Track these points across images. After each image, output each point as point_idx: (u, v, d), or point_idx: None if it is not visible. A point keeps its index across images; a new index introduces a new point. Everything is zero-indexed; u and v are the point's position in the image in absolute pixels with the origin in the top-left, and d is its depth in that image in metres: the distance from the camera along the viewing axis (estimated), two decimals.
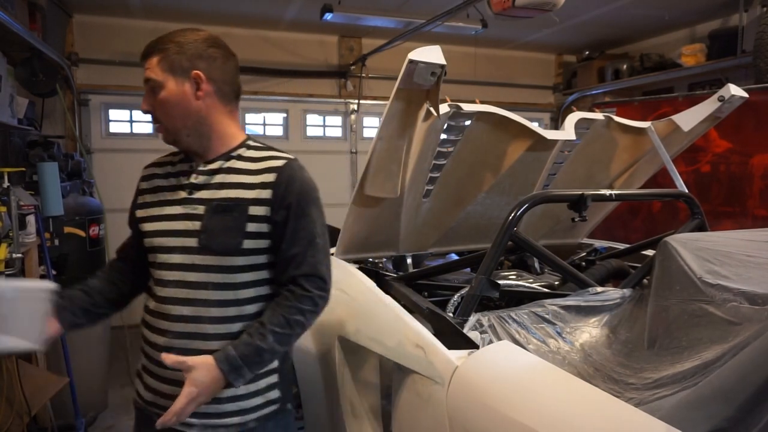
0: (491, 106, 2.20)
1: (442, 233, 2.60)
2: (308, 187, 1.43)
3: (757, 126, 3.80)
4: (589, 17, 5.17)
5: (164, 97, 1.38)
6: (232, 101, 1.49)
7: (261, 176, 1.40)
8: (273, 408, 1.45)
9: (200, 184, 1.41)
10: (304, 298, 1.37)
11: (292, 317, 1.36)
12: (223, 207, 1.37)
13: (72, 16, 5.08)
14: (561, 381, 1.22)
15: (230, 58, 1.50)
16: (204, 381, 1.30)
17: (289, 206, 1.38)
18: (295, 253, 1.38)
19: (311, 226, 1.41)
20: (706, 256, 1.64)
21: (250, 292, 1.40)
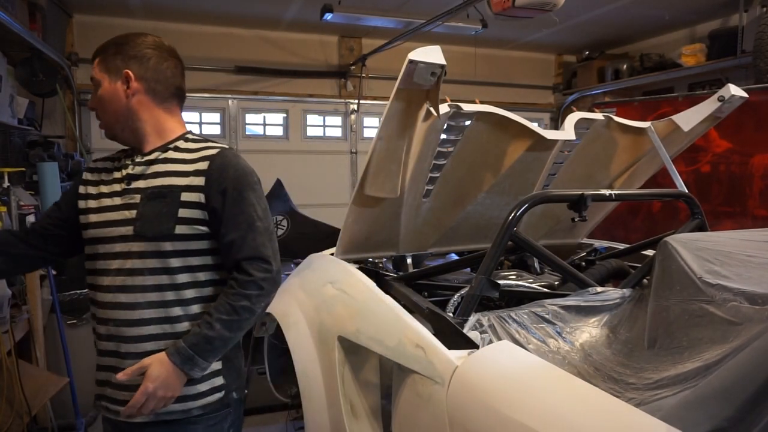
0: (491, 106, 2.20)
1: (442, 233, 2.60)
2: (243, 172, 1.47)
3: (757, 126, 3.80)
4: (589, 17, 5.16)
5: (100, 95, 1.51)
6: (169, 99, 1.55)
7: (195, 164, 1.46)
8: (218, 395, 1.49)
9: (137, 174, 1.48)
10: (248, 283, 1.41)
11: (237, 304, 1.40)
12: (156, 194, 1.44)
13: (72, 16, 5.08)
14: (561, 381, 1.22)
15: (167, 60, 1.54)
16: (159, 375, 1.36)
17: (224, 192, 1.43)
18: (234, 238, 1.43)
19: (249, 210, 1.44)
20: (706, 256, 1.64)
21: (185, 277, 1.45)
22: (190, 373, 1.39)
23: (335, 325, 1.91)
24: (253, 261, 1.42)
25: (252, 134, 5.89)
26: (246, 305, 1.41)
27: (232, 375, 1.53)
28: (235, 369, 1.55)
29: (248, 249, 1.42)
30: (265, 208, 1.49)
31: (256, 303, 1.42)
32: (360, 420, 1.83)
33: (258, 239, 1.43)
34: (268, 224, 1.48)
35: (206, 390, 1.47)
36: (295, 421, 3.14)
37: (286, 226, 5.10)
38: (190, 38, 5.46)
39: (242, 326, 1.44)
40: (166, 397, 1.38)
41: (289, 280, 2.50)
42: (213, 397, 1.49)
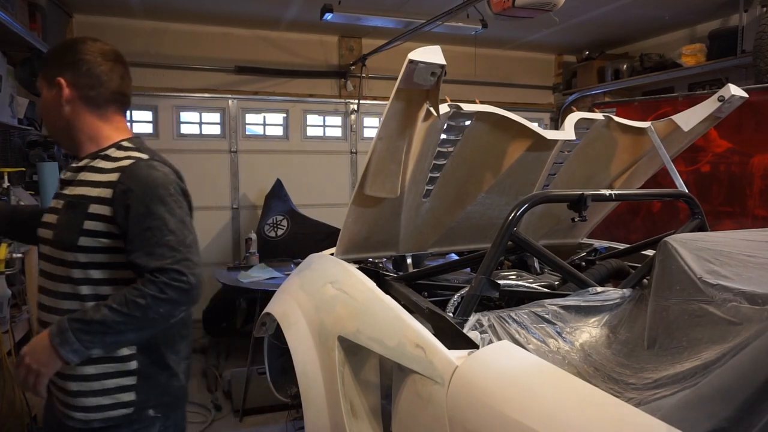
0: (491, 106, 2.20)
1: (442, 233, 2.60)
2: (153, 185, 1.41)
3: (757, 126, 3.80)
4: (589, 17, 5.17)
5: (41, 103, 1.53)
6: (105, 105, 1.52)
7: (109, 175, 1.43)
8: (125, 411, 1.44)
9: (68, 180, 1.50)
10: (149, 283, 1.34)
11: (131, 297, 1.33)
12: (70, 204, 1.44)
13: (72, 16, 5.08)
14: (561, 381, 1.22)
15: (103, 64, 1.51)
16: (33, 344, 1.37)
17: (129, 207, 1.38)
18: (143, 254, 1.37)
19: (159, 225, 1.38)
20: (706, 256, 1.64)
21: (87, 289, 1.42)
22: (60, 349, 1.31)
23: (335, 325, 1.91)
24: (161, 272, 1.35)
25: (252, 134, 5.89)
26: (139, 302, 1.33)
27: (149, 392, 1.47)
28: (153, 385, 1.48)
29: (156, 262, 1.35)
30: (180, 219, 1.42)
31: (153, 305, 1.33)
32: (360, 420, 1.83)
33: (166, 254, 1.36)
34: (183, 237, 1.40)
35: (109, 404, 1.42)
36: (295, 421, 3.14)
37: (286, 226, 5.10)
38: (190, 38, 5.46)
39: (131, 322, 1.34)
40: (32, 367, 1.34)
41: (289, 280, 2.50)
42: (118, 413, 1.43)
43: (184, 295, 1.37)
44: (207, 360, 4.59)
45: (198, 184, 5.55)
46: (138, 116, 5.49)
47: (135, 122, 5.47)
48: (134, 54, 5.26)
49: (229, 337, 4.85)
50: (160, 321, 1.38)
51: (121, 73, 1.56)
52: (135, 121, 5.47)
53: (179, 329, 1.56)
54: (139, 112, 5.48)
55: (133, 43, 5.27)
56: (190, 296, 1.38)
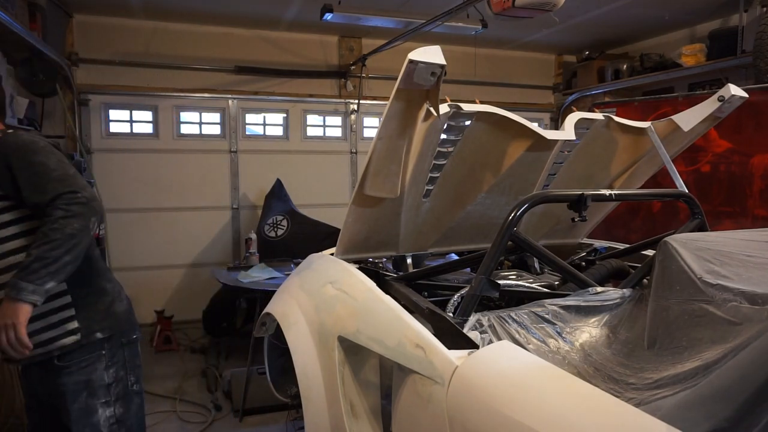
0: (491, 106, 2.20)
1: (442, 233, 2.60)
2: (23, 143, 1.67)
3: (757, 126, 3.80)
4: (589, 17, 5.17)
5: None
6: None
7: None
8: (74, 338, 1.74)
9: None
10: (53, 209, 1.60)
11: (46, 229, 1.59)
12: None
13: (72, 16, 5.08)
14: (561, 381, 1.22)
15: None
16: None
17: (10, 166, 1.63)
18: (36, 194, 1.62)
19: (41, 168, 1.64)
20: (706, 256, 1.63)
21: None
22: (20, 296, 1.55)
23: (335, 325, 1.91)
24: (57, 198, 1.61)
25: (252, 134, 5.89)
26: (54, 227, 1.58)
27: (89, 317, 1.77)
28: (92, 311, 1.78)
29: (50, 194, 1.61)
30: (58, 160, 1.68)
31: (66, 224, 1.59)
32: (360, 420, 1.83)
33: (57, 185, 1.62)
34: (65, 170, 1.66)
35: (59, 334, 1.71)
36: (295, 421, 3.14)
37: (286, 226, 5.10)
38: (190, 38, 5.46)
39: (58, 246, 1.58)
40: (7, 324, 1.55)
41: (289, 280, 2.50)
42: (69, 340, 1.73)
43: (85, 208, 1.63)
44: (207, 360, 4.59)
45: (198, 184, 5.57)
46: (138, 116, 5.48)
47: (135, 122, 5.47)
48: (134, 54, 5.26)
49: (229, 337, 4.86)
50: (79, 236, 1.62)
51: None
52: (135, 121, 5.47)
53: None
54: (139, 112, 5.48)
55: (133, 43, 5.27)
56: (91, 207, 1.64)
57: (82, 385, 1.77)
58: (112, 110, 5.42)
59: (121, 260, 5.25)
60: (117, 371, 1.83)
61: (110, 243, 5.18)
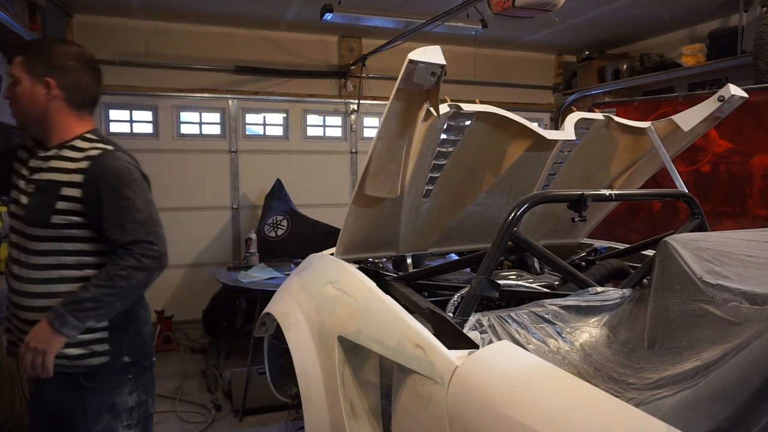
0: (491, 106, 2.19)
1: (442, 233, 2.59)
2: (118, 172, 1.67)
3: (757, 126, 3.80)
4: (589, 17, 5.17)
5: (19, 92, 1.67)
6: (83, 107, 1.76)
7: (78, 163, 1.66)
8: (103, 359, 1.70)
9: (36, 167, 1.70)
10: (126, 255, 1.60)
11: (113, 272, 1.59)
12: (41, 187, 1.65)
13: (72, 16, 5.08)
14: (561, 381, 1.22)
15: (87, 73, 1.75)
16: (36, 330, 1.58)
17: (100, 190, 1.62)
18: (116, 230, 1.62)
19: (128, 205, 1.64)
20: (706, 256, 1.63)
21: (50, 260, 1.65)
22: (61, 329, 1.56)
23: (335, 325, 1.91)
24: (134, 244, 1.61)
25: (252, 134, 5.89)
26: (121, 274, 1.59)
27: (120, 341, 1.73)
28: (126, 337, 1.76)
29: (129, 236, 1.61)
30: (145, 200, 1.68)
31: (133, 274, 1.60)
32: (360, 420, 1.83)
33: (138, 229, 1.62)
34: (149, 214, 1.66)
35: (86, 353, 1.68)
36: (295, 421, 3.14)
37: (286, 226, 5.10)
38: (190, 38, 5.46)
39: (117, 293, 1.60)
40: (38, 349, 1.57)
41: (289, 280, 2.50)
42: (96, 360, 1.69)
43: (156, 263, 1.64)
44: (207, 360, 4.59)
45: (198, 184, 5.56)
46: (138, 116, 5.48)
47: (135, 122, 5.47)
48: (134, 54, 5.26)
49: (229, 337, 4.85)
50: (139, 288, 1.65)
51: (99, 80, 1.80)
52: (135, 121, 5.47)
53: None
54: (139, 112, 5.48)
55: (133, 43, 5.27)
56: (161, 263, 1.65)
57: (106, 407, 1.74)
58: (112, 110, 5.42)
59: None
60: (140, 395, 1.80)
61: None
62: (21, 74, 1.66)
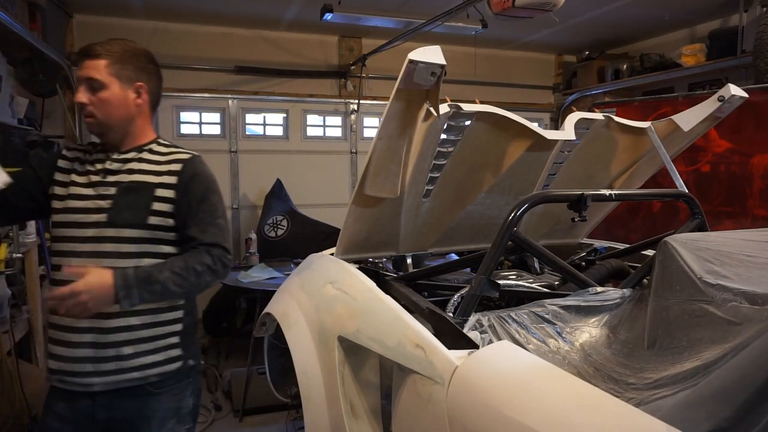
0: (491, 106, 2.20)
1: (442, 233, 2.60)
2: (208, 178, 1.72)
3: (757, 126, 3.80)
4: (589, 17, 5.16)
5: (106, 98, 1.62)
6: (155, 111, 1.83)
7: (168, 165, 1.68)
8: (176, 365, 1.69)
9: (114, 170, 1.66)
10: (206, 254, 1.61)
11: (190, 263, 1.58)
12: (131, 188, 1.63)
13: (72, 16, 5.08)
14: (561, 381, 1.22)
15: (159, 74, 1.81)
16: (92, 282, 1.46)
17: (192, 192, 1.66)
18: (198, 229, 1.64)
19: (212, 209, 1.68)
20: (706, 256, 1.64)
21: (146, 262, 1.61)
22: (120, 296, 1.49)
23: (335, 325, 1.91)
24: (213, 247, 1.63)
25: (252, 134, 5.89)
26: (197, 268, 1.58)
27: (188, 347, 1.74)
28: (191, 341, 1.77)
29: (210, 237, 1.64)
30: (223, 209, 1.73)
31: (205, 274, 1.60)
32: (360, 420, 1.83)
33: (218, 233, 1.66)
34: (225, 224, 1.71)
35: (161, 360, 1.65)
36: (295, 421, 3.14)
37: (286, 226, 5.10)
38: (190, 38, 5.46)
39: (184, 286, 1.58)
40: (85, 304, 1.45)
41: (289, 280, 2.50)
42: (170, 367, 1.67)
43: (225, 271, 1.66)
44: (207, 360, 4.59)
45: None
46: None
47: None
48: None
49: (229, 337, 4.85)
50: (201, 288, 1.64)
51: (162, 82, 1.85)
52: None
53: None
54: None
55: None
56: (227, 272, 1.68)
57: (171, 412, 1.71)
58: None
59: None
60: (195, 397, 1.83)
61: None
62: (108, 79, 1.62)
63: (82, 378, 1.59)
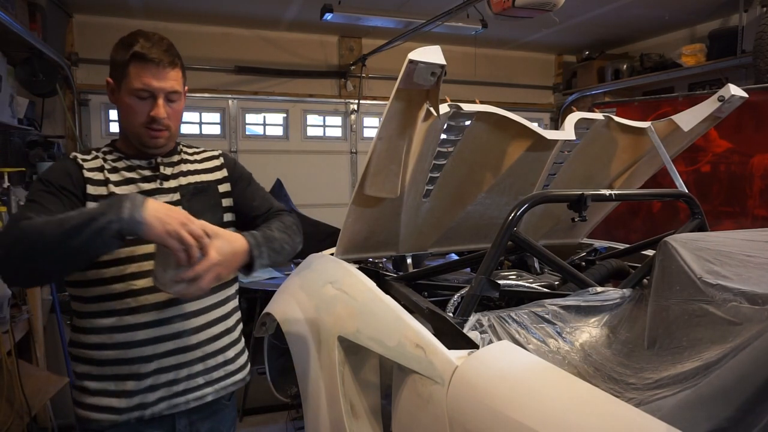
0: (491, 106, 2.19)
1: (442, 233, 2.60)
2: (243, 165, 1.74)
3: (757, 126, 3.80)
4: (589, 17, 5.17)
5: (180, 108, 1.51)
6: None
7: (211, 162, 1.65)
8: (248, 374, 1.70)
9: (169, 174, 1.53)
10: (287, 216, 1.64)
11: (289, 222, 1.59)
12: (198, 190, 1.55)
13: (72, 16, 5.08)
14: (561, 381, 1.22)
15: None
16: (224, 249, 1.29)
17: (242, 177, 1.67)
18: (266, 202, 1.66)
19: (262, 187, 1.72)
20: (706, 256, 1.63)
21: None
22: (256, 260, 1.39)
23: (335, 325, 1.91)
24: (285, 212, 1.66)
25: (252, 134, 5.89)
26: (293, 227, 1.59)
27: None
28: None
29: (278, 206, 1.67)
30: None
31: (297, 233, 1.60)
32: (360, 420, 1.83)
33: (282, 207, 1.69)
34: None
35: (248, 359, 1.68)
36: (295, 421, 3.14)
37: None
38: (190, 38, 5.46)
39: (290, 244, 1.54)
40: (221, 274, 1.29)
41: (289, 280, 2.50)
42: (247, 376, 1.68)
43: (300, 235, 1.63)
44: None
45: None
46: None
47: None
48: None
49: None
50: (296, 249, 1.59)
51: None
52: None
53: None
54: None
55: None
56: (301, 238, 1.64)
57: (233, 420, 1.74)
58: (112, 110, 5.41)
59: None
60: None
61: None
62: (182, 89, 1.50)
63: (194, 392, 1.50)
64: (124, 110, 1.45)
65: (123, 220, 1.16)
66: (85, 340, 1.44)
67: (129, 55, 1.39)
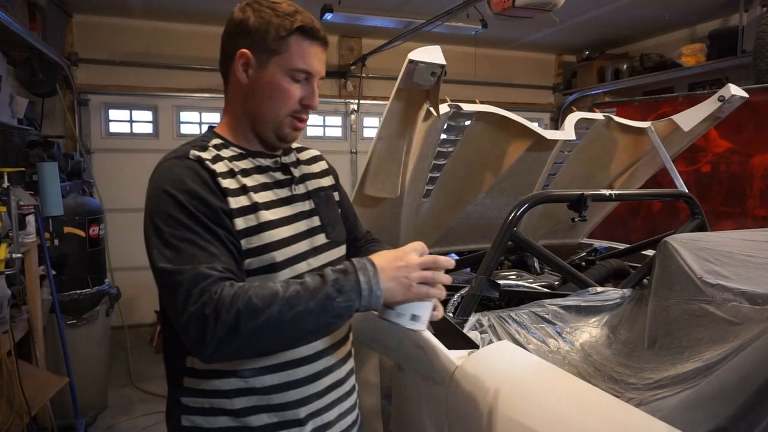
0: (491, 106, 2.19)
1: (442, 233, 2.60)
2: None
3: (757, 126, 3.80)
4: (589, 17, 5.17)
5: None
6: None
7: (318, 164, 1.36)
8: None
9: (298, 177, 1.25)
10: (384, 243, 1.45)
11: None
12: (324, 196, 1.29)
13: (72, 16, 5.08)
14: (561, 381, 1.22)
15: None
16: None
17: (341, 186, 1.42)
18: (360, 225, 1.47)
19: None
20: (706, 256, 1.63)
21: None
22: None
23: None
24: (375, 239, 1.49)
25: None
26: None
27: None
28: None
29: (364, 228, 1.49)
30: None
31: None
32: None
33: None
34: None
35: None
36: None
37: None
38: (190, 38, 5.46)
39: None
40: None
41: None
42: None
43: None
44: None
45: None
46: (138, 116, 5.48)
47: (135, 122, 5.47)
48: (134, 54, 5.26)
49: None
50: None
51: None
52: (135, 121, 5.47)
53: None
54: (139, 112, 5.47)
55: (133, 43, 5.27)
56: None
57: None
58: (111, 110, 5.42)
59: (121, 260, 5.25)
60: None
61: (110, 243, 5.17)
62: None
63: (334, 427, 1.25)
64: (267, 92, 1.16)
65: (363, 298, 1.01)
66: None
67: (294, 26, 1.14)
